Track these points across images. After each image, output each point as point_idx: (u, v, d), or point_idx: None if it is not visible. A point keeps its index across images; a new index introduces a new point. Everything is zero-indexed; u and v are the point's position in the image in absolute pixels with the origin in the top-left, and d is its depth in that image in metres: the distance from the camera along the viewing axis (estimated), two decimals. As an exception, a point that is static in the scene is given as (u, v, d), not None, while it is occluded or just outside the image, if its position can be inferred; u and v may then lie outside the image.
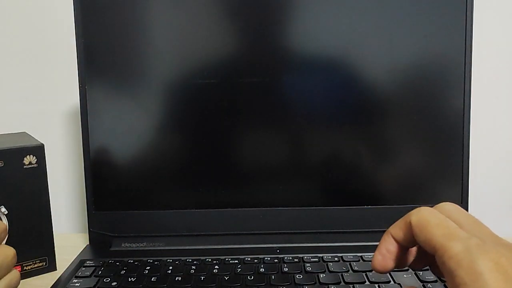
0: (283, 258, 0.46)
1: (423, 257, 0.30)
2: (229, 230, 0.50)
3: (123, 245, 0.50)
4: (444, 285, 0.40)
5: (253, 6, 0.48)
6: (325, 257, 0.46)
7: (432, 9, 0.48)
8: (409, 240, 0.28)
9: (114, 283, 0.42)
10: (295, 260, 0.45)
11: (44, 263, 0.48)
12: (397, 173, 0.50)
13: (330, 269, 0.43)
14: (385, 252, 0.29)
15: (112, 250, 0.49)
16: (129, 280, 0.42)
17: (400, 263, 0.30)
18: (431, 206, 0.28)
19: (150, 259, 0.46)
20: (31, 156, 0.45)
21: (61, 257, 0.48)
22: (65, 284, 0.42)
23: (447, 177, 0.50)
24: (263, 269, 0.44)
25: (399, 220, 0.29)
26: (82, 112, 0.49)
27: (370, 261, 0.44)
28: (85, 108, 0.49)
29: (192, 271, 0.44)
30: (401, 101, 0.49)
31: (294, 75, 0.49)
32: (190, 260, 0.46)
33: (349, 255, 0.46)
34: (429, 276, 0.42)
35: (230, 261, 0.45)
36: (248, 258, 0.46)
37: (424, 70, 0.49)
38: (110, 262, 0.46)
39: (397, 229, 0.29)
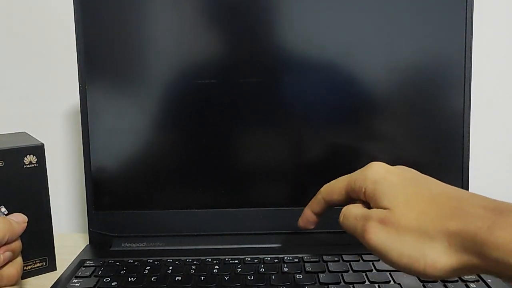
0: (283, 258, 0.46)
1: None
2: (229, 230, 0.50)
3: (123, 245, 0.50)
4: (444, 285, 0.40)
5: (254, 6, 0.48)
6: (325, 257, 0.46)
7: (432, 9, 0.48)
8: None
9: (114, 283, 0.42)
10: (295, 260, 0.45)
11: (44, 263, 0.48)
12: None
13: (330, 269, 0.43)
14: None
15: (112, 250, 0.49)
16: (129, 280, 0.42)
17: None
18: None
19: (150, 259, 0.46)
20: (31, 156, 0.45)
21: (61, 257, 0.48)
22: (65, 284, 0.42)
23: (447, 177, 0.50)
24: (263, 269, 0.44)
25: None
26: (82, 112, 0.49)
27: (370, 261, 0.45)
28: (85, 108, 0.49)
29: (192, 271, 0.44)
30: (401, 101, 0.49)
31: (294, 75, 0.49)
32: (190, 260, 0.46)
33: (349, 255, 0.46)
34: (429, 276, 0.41)
35: (230, 261, 0.45)
36: (248, 258, 0.46)
37: (424, 70, 0.49)
38: (110, 262, 0.46)
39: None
